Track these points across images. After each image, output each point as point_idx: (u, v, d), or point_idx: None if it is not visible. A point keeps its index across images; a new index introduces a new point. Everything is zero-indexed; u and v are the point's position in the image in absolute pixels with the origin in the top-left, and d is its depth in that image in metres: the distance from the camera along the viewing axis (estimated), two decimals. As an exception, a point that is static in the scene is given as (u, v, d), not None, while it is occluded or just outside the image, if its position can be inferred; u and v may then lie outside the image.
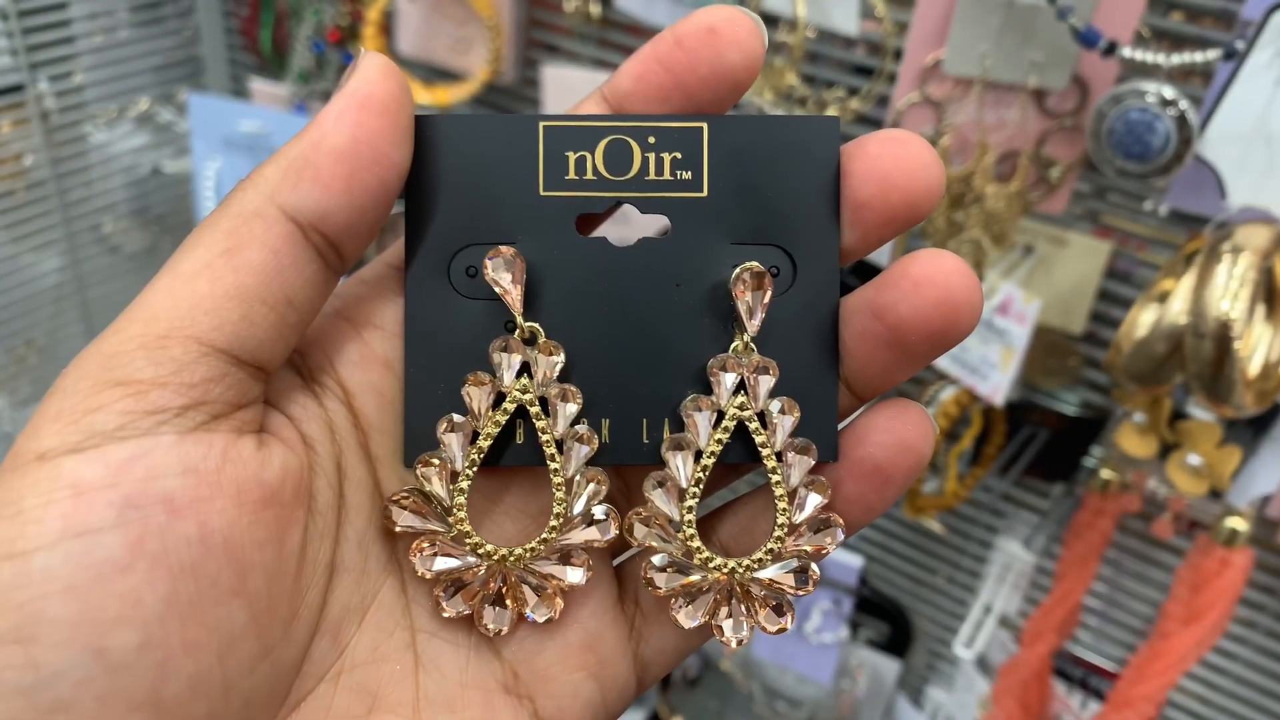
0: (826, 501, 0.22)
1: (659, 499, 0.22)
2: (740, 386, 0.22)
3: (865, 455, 0.21)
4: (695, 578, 0.22)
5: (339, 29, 0.83)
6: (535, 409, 0.21)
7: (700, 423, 0.22)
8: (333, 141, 0.19)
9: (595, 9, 0.70)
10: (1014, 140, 0.56)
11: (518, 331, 0.21)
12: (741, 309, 0.21)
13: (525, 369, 0.22)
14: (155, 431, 0.18)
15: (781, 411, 0.22)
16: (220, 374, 0.19)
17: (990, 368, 0.60)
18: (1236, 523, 0.59)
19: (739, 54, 0.21)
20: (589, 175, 0.22)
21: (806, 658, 0.80)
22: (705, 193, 0.22)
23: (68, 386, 0.18)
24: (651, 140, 0.22)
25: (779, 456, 0.22)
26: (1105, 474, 0.63)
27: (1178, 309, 0.52)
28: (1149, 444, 0.60)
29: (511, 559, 0.21)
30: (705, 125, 0.22)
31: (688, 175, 0.22)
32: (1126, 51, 0.50)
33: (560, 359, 0.21)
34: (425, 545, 0.21)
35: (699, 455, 0.22)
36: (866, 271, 0.66)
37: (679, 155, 0.22)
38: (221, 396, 0.19)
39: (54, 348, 0.93)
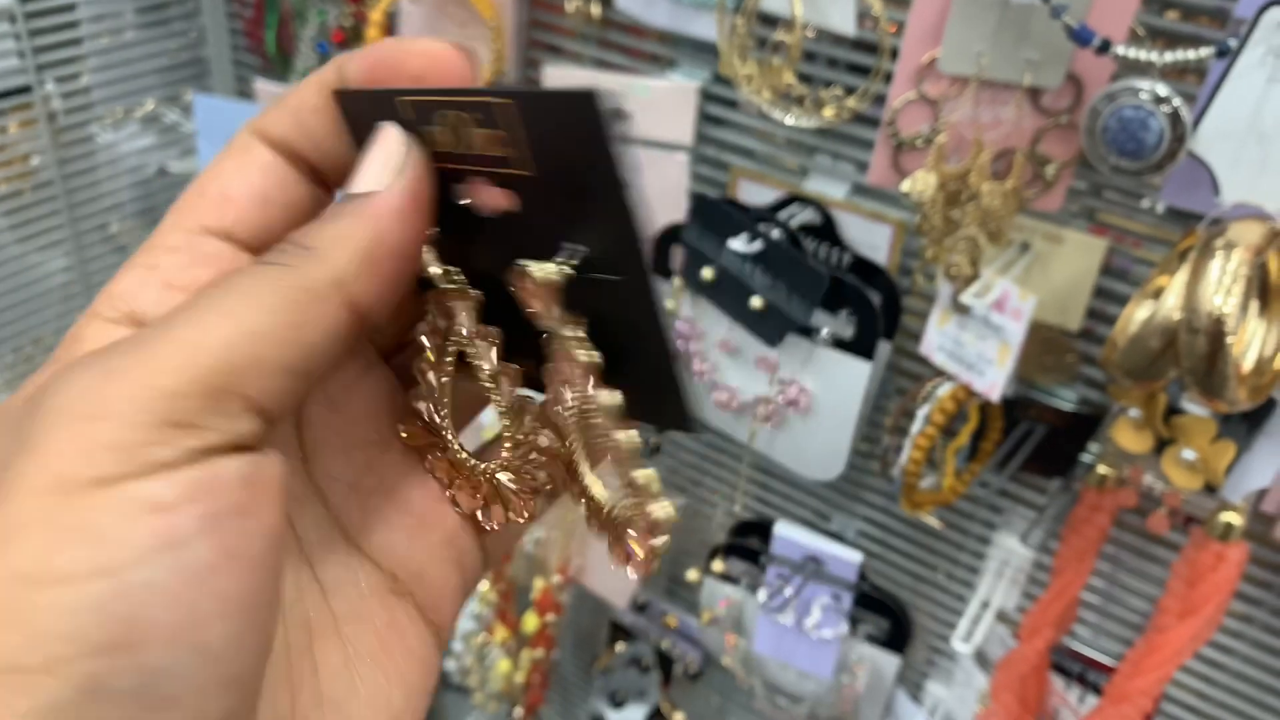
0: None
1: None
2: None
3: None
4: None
5: (343, 30, 0.83)
6: (472, 350, 0.24)
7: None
8: (392, 241, 0.21)
9: (596, 10, 0.71)
10: (1010, 138, 0.57)
11: (443, 276, 0.24)
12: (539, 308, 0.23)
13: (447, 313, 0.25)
14: (210, 459, 0.19)
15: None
16: (258, 426, 0.20)
17: (987, 364, 0.60)
18: (1231, 517, 0.59)
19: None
20: (442, 148, 0.23)
21: (807, 653, 0.81)
22: (531, 171, 0.22)
23: (124, 415, 0.18)
24: (480, 117, 0.22)
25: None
26: (1102, 469, 0.64)
27: (1171, 305, 0.52)
28: (1144, 439, 0.60)
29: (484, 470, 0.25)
30: (513, 101, 0.21)
31: (514, 153, 0.22)
32: (1120, 49, 0.50)
33: (477, 300, 0.24)
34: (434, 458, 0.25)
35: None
36: (865, 269, 0.67)
37: (504, 134, 0.22)
38: (253, 439, 0.21)
39: (61, 347, 0.94)
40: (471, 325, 0.24)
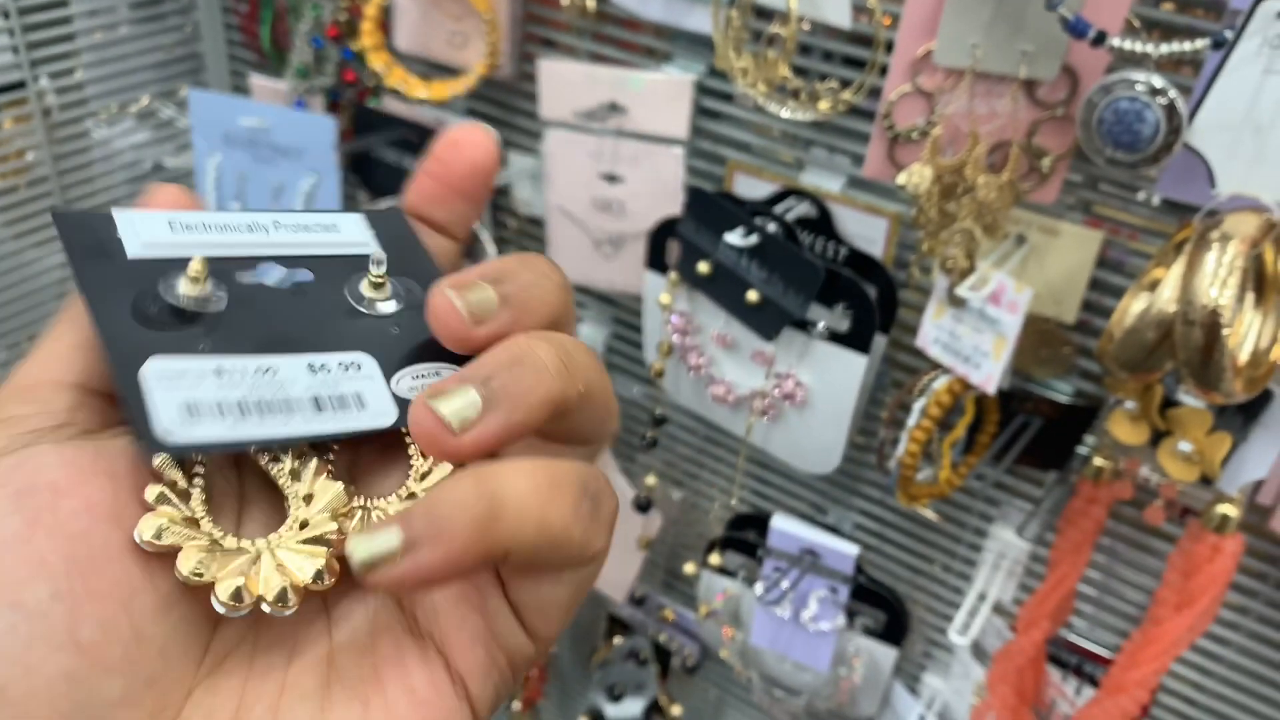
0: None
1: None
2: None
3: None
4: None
5: (338, 24, 0.83)
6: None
7: None
8: None
9: (591, 3, 0.71)
10: (1005, 130, 0.57)
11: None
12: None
13: None
14: (35, 442, 0.22)
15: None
16: (79, 402, 0.23)
17: (983, 356, 0.60)
18: (1227, 509, 0.59)
19: (475, 154, 0.29)
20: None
21: (804, 646, 0.81)
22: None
23: None
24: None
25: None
26: (1098, 461, 0.64)
27: (1167, 297, 0.52)
28: (1140, 431, 0.60)
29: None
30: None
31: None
32: (1116, 41, 0.50)
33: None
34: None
35: None
36: (861, 262, 0.67)
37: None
38: (86, 419, 0.23)
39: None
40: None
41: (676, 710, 0.98)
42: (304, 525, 0.24)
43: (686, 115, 0.70)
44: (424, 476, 0.26)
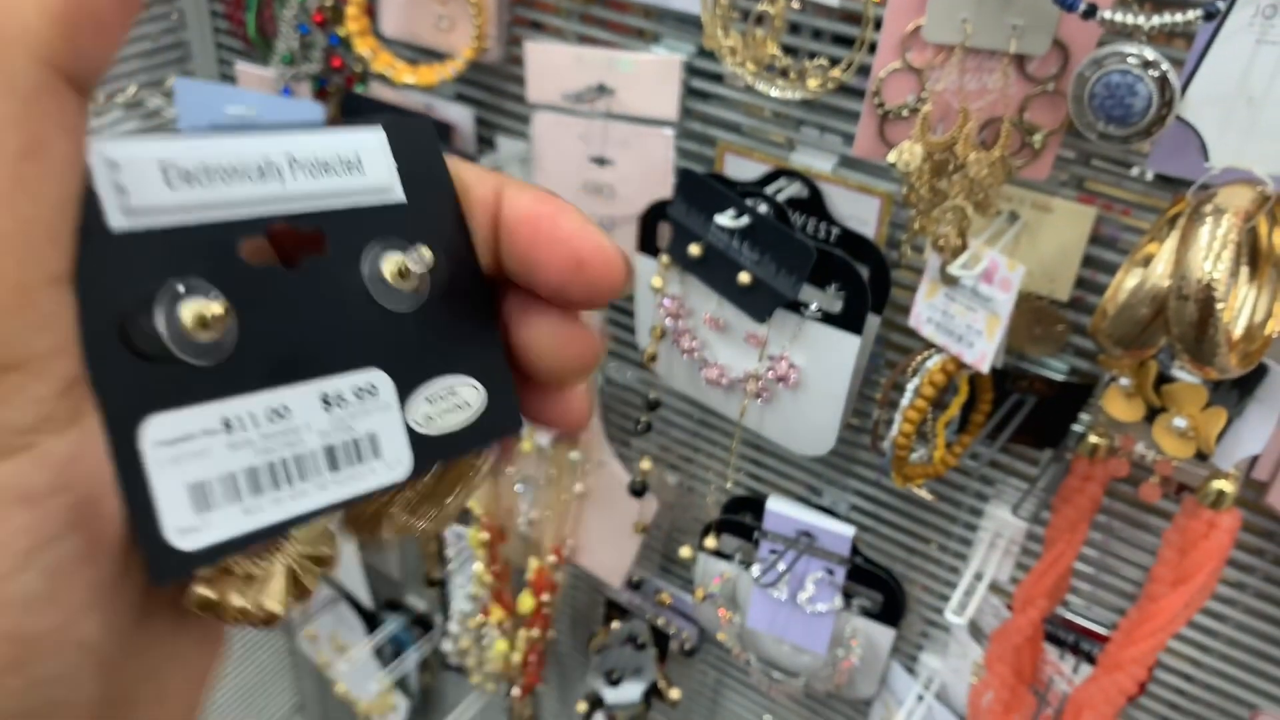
0: None
1: None
2: None
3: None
4: None
5: (323, 10, 0.82)
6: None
7: None
8: None
9: (578, -16, 0.70)
10: (996, 106, 0.56)
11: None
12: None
13: None
14: (78, 415, 0.16)
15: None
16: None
17: (976, 335, 0.60)
18: (1223, 484, 0.59)
19: (585, 294, 0.23)
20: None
21: (801, 628, 0.81)
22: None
23: None
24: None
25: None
26: (1093, 439, 0.64)
27: (1161, 272, 0.52)
28: (1135, 408, 0.60)
29: None
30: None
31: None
32: (1107, 14, 0.50)
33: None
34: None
35: None
36: (853, 242, 0.66)
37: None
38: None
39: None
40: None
41: (675, 694, 0.98)
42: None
43: (676, 96, 0.69)
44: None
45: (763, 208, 0.63)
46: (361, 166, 0.23)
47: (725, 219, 0.63)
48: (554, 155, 0.75)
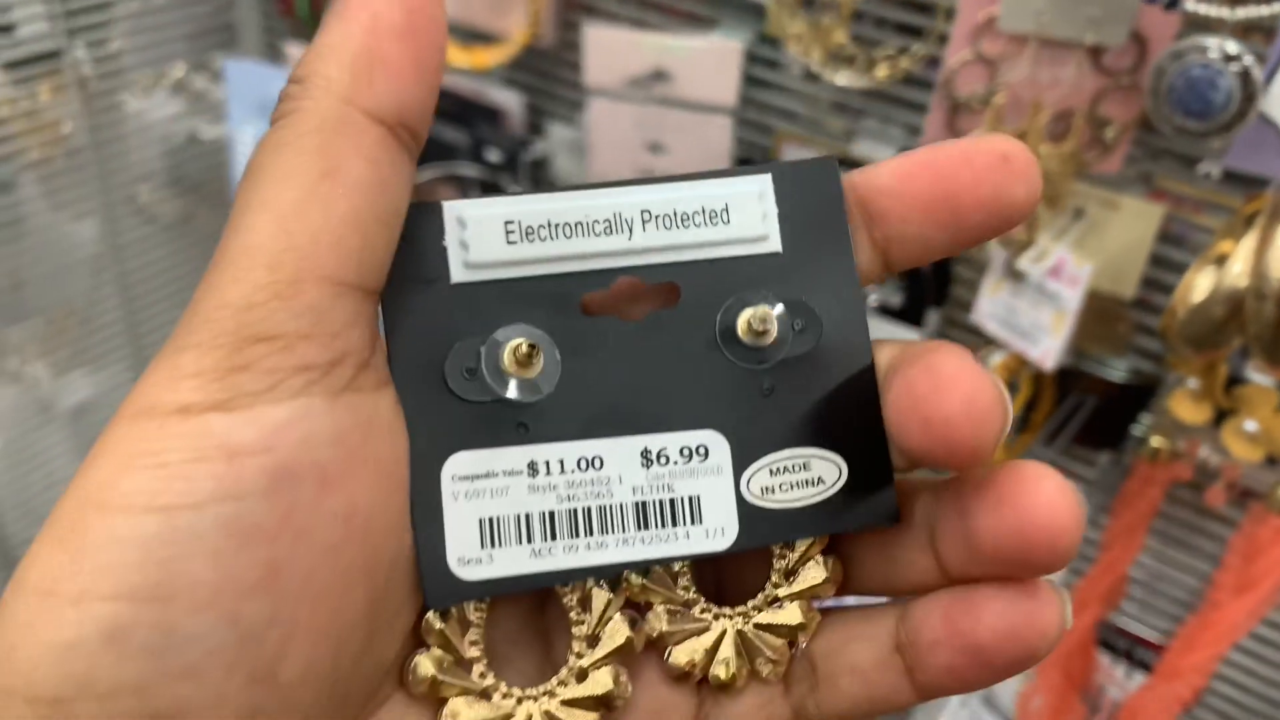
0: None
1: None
2: None
3: (968, 630, 0.19)
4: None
5: (375, -7, 0.82)
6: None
7: None
8: (390, 21, 0.18)
9: (635, -31, 0.69)
10: (1069, 99, 0.55)
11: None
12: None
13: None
14: (308, 393, 0.17)
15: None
16: (356, 315, 0.18)
17: (1041, 332, 0.59)
18: (1292, 491, 0.58)
19: (1024, 190, 0.19)
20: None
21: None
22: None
23: (203, 342, 0.17)
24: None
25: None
26: (1156, 442, 0.62)
27: (1238, 271, 0.51)
28: (1203, 410, 0.58)
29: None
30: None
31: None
32: (1189, 5, 0.49)
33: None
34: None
35: None
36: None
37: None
38: (360, 341, 0.18)
39: (94, 317, 0.93)
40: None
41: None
42: (582, 677, 0.20)
43: (735, 82, 0.68)
44: (789, 575, 0.21)
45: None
46: (728, 216, 0.21)
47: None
48: (608, 142, 0.74)
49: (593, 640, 0.20)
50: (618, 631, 0.20)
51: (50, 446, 0.95)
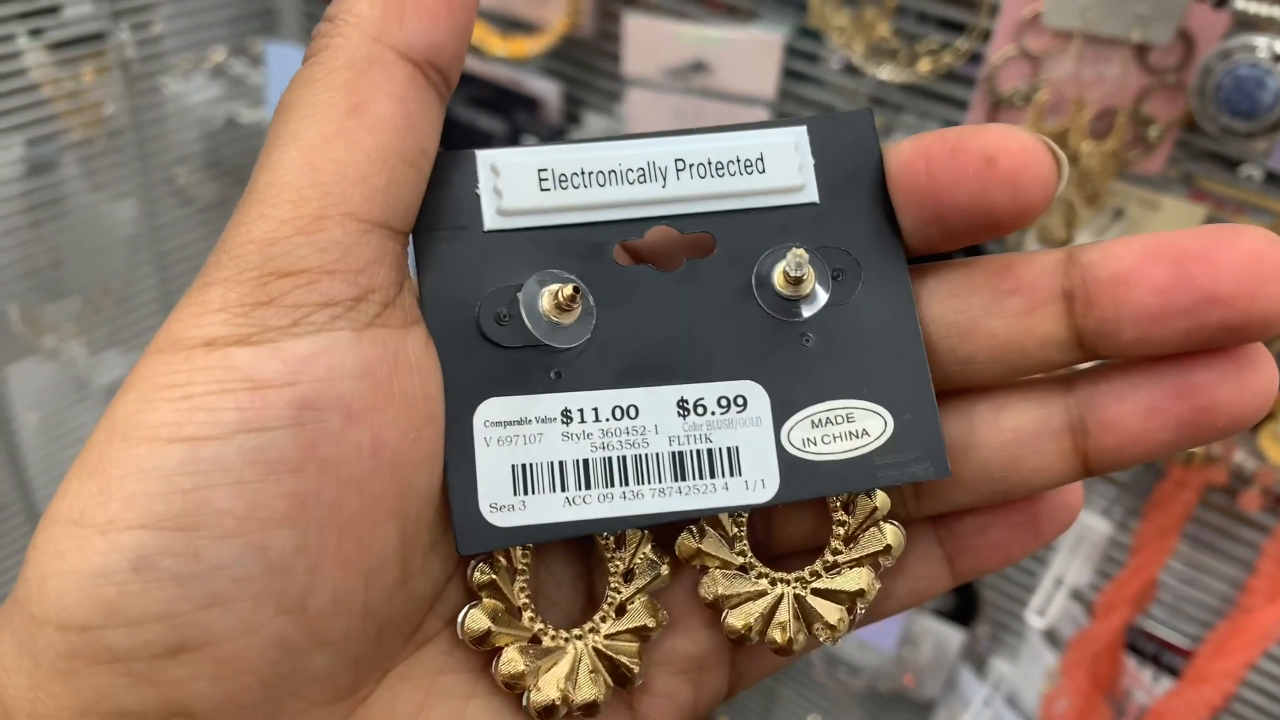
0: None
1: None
2: None
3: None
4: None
5: (415, -19, 0.82)
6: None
7: None
8: None
9: (676, -39, 0.69)
10: (1112, 97, 0.55)
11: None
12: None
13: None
14: (332, 327, 0.17)
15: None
16: (381, 252, 0.18)
17: (1078, 331, 0.58)
18: (1329, 497, 0.57)
19: (1008, 198, 0.18)
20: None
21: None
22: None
23: (228, 277, 0.17)
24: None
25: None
26: (1191, 445, 0.62)
27: None
28: (1240, 414, 0.58)
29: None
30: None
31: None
32: (1239, 3, 0.48)
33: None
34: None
35: None
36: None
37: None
38: (386, 279, 0.18)
39: (130, 296, 0.94)
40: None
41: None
42: (621, 611, 0.20)
43: (775, 75, 0.68)
44: (849, 541, 0.21)
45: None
46: (763, 166, 0.21)
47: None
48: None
49: (628, 575, 0.20)
50: (651, 565, 0.20)
51: (85, 424, 0.96)
